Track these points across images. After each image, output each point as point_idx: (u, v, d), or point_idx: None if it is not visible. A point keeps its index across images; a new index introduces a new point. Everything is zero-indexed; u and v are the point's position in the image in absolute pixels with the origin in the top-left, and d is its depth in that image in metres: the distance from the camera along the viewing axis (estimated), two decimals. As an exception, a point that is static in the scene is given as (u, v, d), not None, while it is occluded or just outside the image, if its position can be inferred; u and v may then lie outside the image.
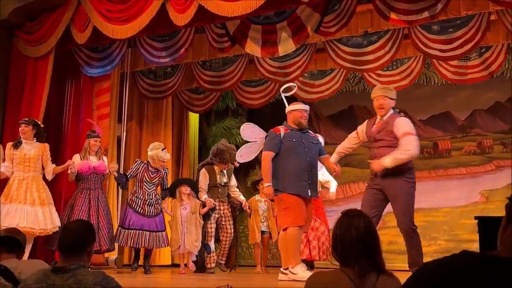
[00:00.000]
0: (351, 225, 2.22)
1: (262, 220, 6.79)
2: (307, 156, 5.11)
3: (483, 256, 1.17)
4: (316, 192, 5.27)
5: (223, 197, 6.83)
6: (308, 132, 5.30)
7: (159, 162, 6.49)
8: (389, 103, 4.84)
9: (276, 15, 6.21)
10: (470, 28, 5.98)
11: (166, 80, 7.88)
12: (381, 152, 4.72)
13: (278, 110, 8.85)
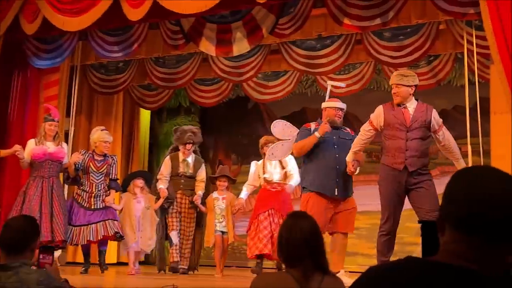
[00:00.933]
0: (296, 226, 2.25)
1: (220, 219, 6.29)
2: (336, 153, 4.93)
3: (425, 262, 1.20)
4: (346, 191, 4.98)
5: (186, 190, 6.36)
6: (342, 129, 5.13)
7: (102, 144, 6.02)
8: (404, 91, 4.48)
9: (232, 15, 6.21)
10: (420, 36, 6.14)
11: (117, 75, 7.74)
12: (417, 144, 4.40)
13: (232, 109, 8.89)
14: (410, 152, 4.38)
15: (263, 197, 6.00)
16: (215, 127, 8.85)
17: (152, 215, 6.22)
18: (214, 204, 6.31)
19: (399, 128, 4.45)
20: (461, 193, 1.18)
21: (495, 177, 1.18)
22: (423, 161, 4.43)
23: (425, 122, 4.44)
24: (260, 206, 5.95)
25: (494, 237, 1.14)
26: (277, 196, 5.92)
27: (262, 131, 8.55)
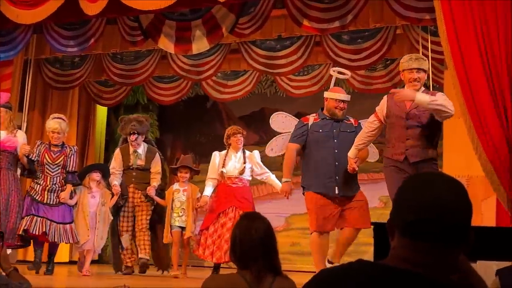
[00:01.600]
0: (250, 226, 2.25)
1: (179, 213, 5.88)
2: (335, 148, 4.54)
3: (374, 265, 1.21)
4: (349, 189, 4.56)
5: (139, 184, 6.03)
6: (344, 120, 4.70)
7: (50, 134, 5.65)
8: (424, 77, 4.05)
9: (191, 13, 6.16)
10: (377, 40, 6.24)
11: (73, 70, 7.58)
12: (418, 132, 3.95)
13: (190, 107, 8.83)
14: (410, 141, 3.95)
15: (222, 194, 5.69)
16: (173, 126, 8.77)
17: (107, 212, 5.89)
18: (174, 197, 5.93)
19: (399, 115, 4.03)
20: (408, 200, 1.20)
21: (442, 183, 1.20)
22: (427, 152, 3.96)
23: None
24: (219, 204, 5.65)
25: (440, 243, 1.16)
26: (237, 192, 5.63)
27: (221, 130, 8.53)
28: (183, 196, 5.93)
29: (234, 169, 5.68)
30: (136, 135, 6.03)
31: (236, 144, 5.76)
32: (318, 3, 5.68)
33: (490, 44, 4.17)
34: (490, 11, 4.19)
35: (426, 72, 4.04)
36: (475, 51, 4.17)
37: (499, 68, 4.10)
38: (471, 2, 4.25)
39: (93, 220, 5.77)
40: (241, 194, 5.63)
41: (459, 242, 1.18)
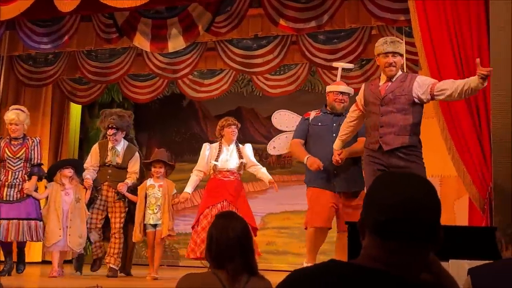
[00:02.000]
0: (227, 226, 2.24)
1: (154, 210, 5.57)
2: (333, 142, 4.33)
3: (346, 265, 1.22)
4: (350, 185, 4.41)
5: (114, 182, 5.72)
6: (345, 114, 4.45)
7: (8, 126, 5.42)
8: (400, 61, 3.87)
9: (167, 11, 6.12)
10: (353, 40, 6.28)
11: (46, 67, 7.46)
12: (391, 118, 3.72)
13: (166, 106, 8.77)
14: (385, 129, 3.75)
15: (213, 187, 5.38)
16: (149, 124, 8.70)
17: (83, 208, 5.59)
18: (148, 193, 5.62)
19: (374, 101, 3.84)
20: (378, 199, 1.21)
21: (411, 183, 1.21)
22: (404, 139, 3.70)
23: (404, 91, 3.74)
24: (210, 198, 5.34)
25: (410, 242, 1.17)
26: (230, 186, 5.34)
27: (197, 129, 8.52)
28: (159, 192, 5.63)
29: (227, 162, 5.39)
30: (115, 130, 5.74)
31: (230, 136, 5.46)
32: (294, 2, 5.69)
33: (463, 44, 4.23)
34: (463, 12, 4.25)
35: (402, 56, 3.90)
36: (448, 52, 4.22)
37: (471, 68, 4.15)
38: (444, 3, 4.31)
39: (67, 219, 5.48)
40: (233, 188, 5.35)
41: (429, 241, 1.19)
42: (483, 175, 4.08)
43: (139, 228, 5.56)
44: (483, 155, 4.08)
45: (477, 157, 4.10)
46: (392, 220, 1.17)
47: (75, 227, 5.51)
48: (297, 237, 7.52)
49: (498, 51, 3.90)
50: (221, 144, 5.48)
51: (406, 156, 3.72)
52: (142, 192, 5.65)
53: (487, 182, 4.03)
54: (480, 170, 4.08)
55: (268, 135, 7.77)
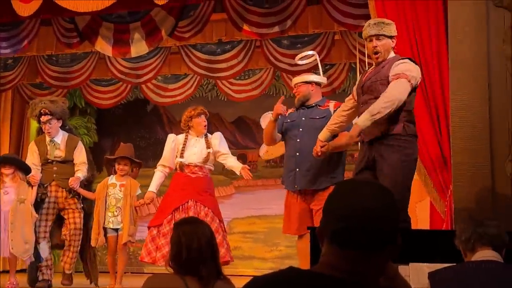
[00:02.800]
0: (196, 231, 2.23)
1: (115, 213, 5.07)
2: (298, 137, 4.08)
3: (304, 272, 1.22)
4: (312, 182, 4.01)
5: (63, 180, 5.12)
6: (317, 106, 4.17)
7: None
8: (387, 44, 3.48)
9: (130, 15, 6.06)
10: (316, 45, 6.32)
11: (6, 72, 7.28)
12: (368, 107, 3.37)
13: (130, 111, 8.66)
14: None
15: (179, 185, 4.84)
16: (112, 130, 8.58)
17: (28, 210, 4.97)
18: (109, 192, 5.10)
19: (358, 91, 3.59)
20: (335, 208, 1.21)
21: (368, 191, 1.22)
22: (382, 128, 3.37)
23: (380, 77, 3.42)
24: (175, 197, 4.79)
25: (366, 250, 1.18)
26: (198, 184, 4.83)
27: (162, 134, 8.43)
28: (120, 193, 5.11)
29: (194, 155, 4.84)
30: (49, 115, 5.12)
31: (199, 128, 4.91)
32: (257, 8, 5.71)
33: (423, 48, 4.30)
34: (423, 18, 4.32)
35: (391, 37, 3.49)
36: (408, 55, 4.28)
37: (431, 71, 4.24)
38: (404, 8, 4.37)
39: (6, 222, 4.94)
40: (201, 186, 4.83)
41: (386, 249, 1.20)
42: (444, 179, 4.15)
43: (98, 231, 5.05)
44: (443, 158, 4.15)
45: (437, 160, 4.17)
46: (349, 229, 1.18)
47: (17, 231, 4.93)
48: (262, 242, 7.53)
49: (457, 56, 3.98)
50: (187, 136, 4.94)
51: (387, 146, 3.37)
52: (103, 191, 5.13)
53: (448, 185, 4.10)
54: (440, 173, 4.15)
55: (234, 140, 7.77)
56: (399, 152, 3.36)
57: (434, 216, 4.71)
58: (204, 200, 4.79)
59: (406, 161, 3.39)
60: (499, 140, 3.81)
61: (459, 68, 3.95)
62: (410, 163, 3.43)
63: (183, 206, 4.75)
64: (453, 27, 4.02)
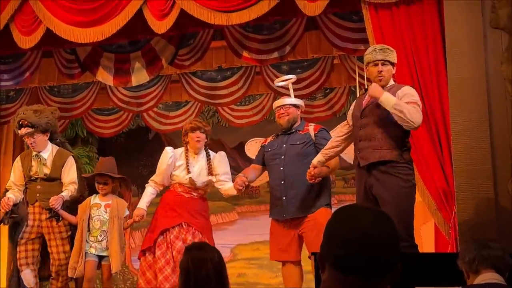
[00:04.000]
0: (205, 257, 2.20)
1: (98, 237, 4.44)
2: (281, 165, 4.02)
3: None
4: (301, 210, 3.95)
5: (45, 200, 4.45)
6: (296, 131, 4.13)
7: None
8: (390, 70, 3.57)
9: (130, 45, 6.11)
10: (316, 70, 6.38)
11: (8, 104, 7.31)
12: (369, 131, 3.43)
13: (132, 140, 8.69)
14: (363, 143, 3.47)
15: (170, 205, 4.40)
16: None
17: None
18: (92, 214, 4.47)
19: (356, 114, 3.58)
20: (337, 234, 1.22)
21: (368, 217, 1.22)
22: (382, 153, 3.37)
23: None
24: (165, 218, 4.35)
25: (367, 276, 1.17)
26: (192, 205, 4.40)
27: (164, 162, 8.44)
28: (105, 214, 4.47)
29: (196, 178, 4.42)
30: (30, 128, 4.46)
31: (194, 143, 4.46)
32: (256, 34, 5.75)
33: (422, 72, 4.32)
34: (421, 40, 4.35)
35: (394, 64, 3.59)
36: (406, 77, 4.30)
37: (430, 93, 4.25)
38: (402, 32, 4.41)
39: None
40: (195, 208, 4.41)
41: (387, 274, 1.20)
42: (447, 200, 4.14)
43: (78, 259, 4.39)
44: (446, 180, 4.14)
45: (440, 182, 4.15)
46: (351, 255, 1.18)
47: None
48: (267, 268, 7.47)
49: (456, 78, 4.00)
50: (187, 153, 4.49)
51: (385, 172, 3.38)
52: (84, 211, 4.47)
53: (451, 207, 4.08)
54: (443, 195, 4.14)
55: (235, 166, 7.76)
56: (398, 179, 3.38)
57: (439, 238, 4.68)
58: (196, 223, 4.36)
59: (406, 187, 3.42)
60: (501, 160, 3.81)
61: (459, 90, 3.96)
62: (409, 188, 3.46)
63: (173, 229, 4.34)
64: (451, 49, 4.05)
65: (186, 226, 4.33)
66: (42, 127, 4.58)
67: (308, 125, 4.25)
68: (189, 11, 4.86)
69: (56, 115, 4.84)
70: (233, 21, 4.82)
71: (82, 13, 5.22)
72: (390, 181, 3.37)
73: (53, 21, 5.28)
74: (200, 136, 4.46)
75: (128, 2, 5.03)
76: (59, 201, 4.42)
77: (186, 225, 4.34)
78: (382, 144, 3.40)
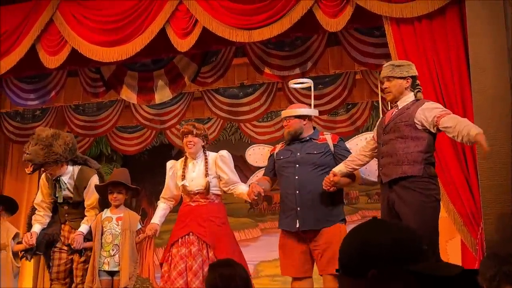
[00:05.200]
0: (234, 274, 2.18)
1: (111, 251, 4.30)
2: (296, 175, 3.86)
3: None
4: (315, 222, 3.79)
5: (74, 220, 4.44)
6: (312, 139, 4.00)
7: None
8: (397, 84, 3.54)
9: (153, 63, 6.19)
10: (338, 85, 6.36)
11: (34, 123, 7.44)
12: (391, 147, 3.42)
13: (155, 156, 8.76)
14: (385, 159, 3.46)
15: (180, 216, 4.31)
16: (138, 175, 8.62)
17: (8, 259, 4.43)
18: (104, 228, 4.33)
19: (379, 131, 3.58)
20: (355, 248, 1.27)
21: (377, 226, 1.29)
22: (404, 169, 3.36)
23: (406, 117, 3.43)
24: (175, 231, 4.26)
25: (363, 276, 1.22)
26: (199, 213, 4.21)
27: (187, 178, 8.49)
28: (117, 227, 4.34)
29: (192, 182, 4.24)
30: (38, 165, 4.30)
31: (187, 149, 4.32)
32: (278, 51, 5.78)
33: (446, 86, 4.29)
34: (444, 55, 4.32)
35: (404, 78, 3.51)
36: (431, 93, 4.27)
37: (455, 109, 4.20)
38: (425, 46, 4.39)
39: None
40: (202, 215, 4.20)
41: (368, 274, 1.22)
42: (473, 216, 4.07)
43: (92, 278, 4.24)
44: (472, 196, 4.08)
45: (466, 198, 4.09)
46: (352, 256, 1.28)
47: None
48: (291, 285, 7.40)
49: (480, 91, 3.95)
50: (186, 160, 4.36)
51: (406, 188, 3.33)
52: (97, 227, 4.32)
53: (478, 222, 4.02)
54: (470, 211, 4.07)
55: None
56: (420, 194, 3.33)
57: (466, 254, 4.60)
58: (203, 232, 4.15)
59: (428, 202, 3.35)
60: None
61: (483, 103, 3.92)
62: (432, 204, 3.39)
63: (182, 240, 4.18)
64: (475, 63, 4.01)
65: (193, 237, 4.15)
66: (52, 161, 4.35)
67: (324, 134, 4.12)
68: (211, 29, 4.91)
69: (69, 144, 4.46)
70: (254, 38, 4.85)
71: (107, 33, 5.31)
72: (412, 196, 3.32)
73: (78, 41, 5.38)
74: (192, 140, 4.28)
75: (151, 22, 5.11)
76: (79, 242, 4.36)
77: (194, 236, 4.16)
78: (403, 159, 3.37)
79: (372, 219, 1.32)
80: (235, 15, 4.86)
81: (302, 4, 4.63)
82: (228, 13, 4.88)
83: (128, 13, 5.22)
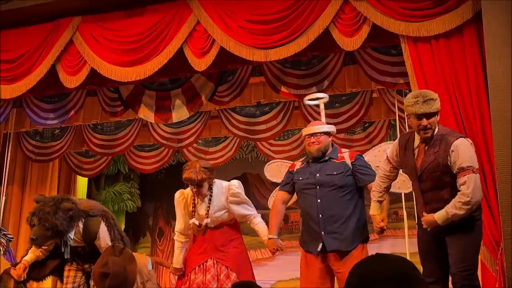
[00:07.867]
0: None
1: None
2: (318, 197, 3.81)
3: None
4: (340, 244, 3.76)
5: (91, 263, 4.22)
6: (330, 159, 3.93)
7: None
8: (436, 119, 3.34)
9: (171, 82, 6.25)
10: (354, 104, 6.36)
11: (53, 142, 7.56)
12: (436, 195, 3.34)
13: (172, 175, 8.79)
14: (433, 205, 3.35)
15: (196, 242, 4.25)
16: (155, 194, 8.71)
17: None
18: None
19: (411, 173, 3.44)
20: None
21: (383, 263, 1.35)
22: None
23: (440, 166, 3.30)
24: (194, 255, 4.22)
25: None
26: (218, 237, 4.20)
27: (203, 197, 8.50)
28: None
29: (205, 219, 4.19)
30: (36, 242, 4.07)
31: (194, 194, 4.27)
32: (295, 70, 5.81)
33: (464, 105, 4.25)
34: (461, 73, 4.30)
35: (437, 113, 3.33)
36: (449, 112, 4.24)
37: (473, 128, 4.17)
38: (442, 65, 4.37)
39: None
40: (220, 240, 4.19)
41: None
42: (493, 236, 4.01)
43: None
44: (492, 215, 4.02)
45: (485, 217, 4.04)
46: None
47: None
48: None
49: (499, 111, 3.92)
50: (194, 196, 4.27)
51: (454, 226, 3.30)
52: None
53: (498, 242, 3.96)
54: (489, 231, 4.02)
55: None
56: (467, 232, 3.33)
57: (486, 274, 4.52)
58: (223, 257, 4.14)
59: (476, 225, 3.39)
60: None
61: (501, 122, 3.88)
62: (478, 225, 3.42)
63: (200, 267, 4.14)
64: (493, 82, 3.98)
65: (213, 261, 4.13)
66: (43, 242, 4.14)
67: (342, 152, 4.04)
68: (228, 48, 4.95)
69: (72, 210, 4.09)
70: (271, 58, 4.88)
71: (125, 53, 5.38)
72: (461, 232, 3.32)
73: (97, 61, 5.45)
74: (195, 190, 4.19)
75: (169, 42, 5.17)
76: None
77: (213, 260, 4.14)
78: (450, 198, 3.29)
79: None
80: (252, 34, 4.90)
81: (318, 24, 4.65)
82: (245, 33, 4.92)
83: (147, 34, 5.29)
